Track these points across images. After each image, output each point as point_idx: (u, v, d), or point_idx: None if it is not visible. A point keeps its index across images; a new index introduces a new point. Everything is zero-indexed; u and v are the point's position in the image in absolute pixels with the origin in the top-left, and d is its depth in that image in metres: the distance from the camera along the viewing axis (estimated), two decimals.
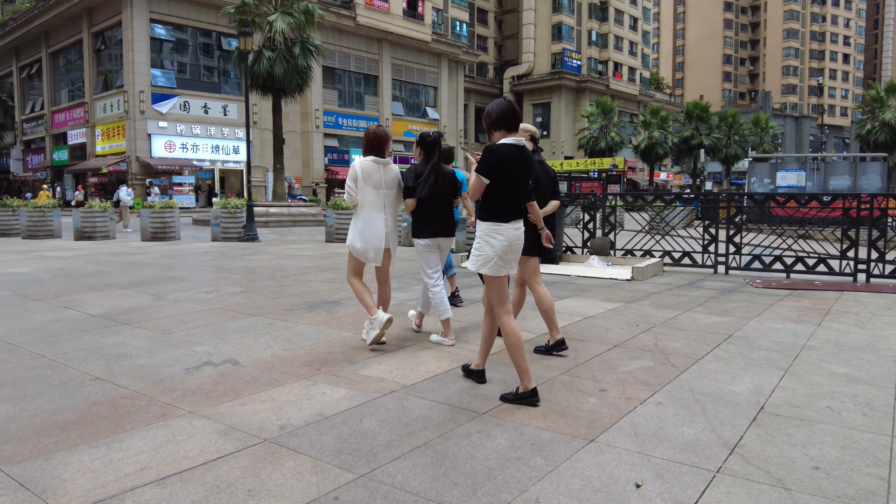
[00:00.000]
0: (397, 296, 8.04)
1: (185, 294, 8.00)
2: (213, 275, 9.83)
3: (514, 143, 4.06)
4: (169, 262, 11.39)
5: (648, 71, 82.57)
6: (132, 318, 6.58)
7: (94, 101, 41.39)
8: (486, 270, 4.14)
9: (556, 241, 11.04)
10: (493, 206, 4.10)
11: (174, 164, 38.57)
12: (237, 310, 7.02)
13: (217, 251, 13.64)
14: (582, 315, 6.83)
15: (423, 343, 5.59)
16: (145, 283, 8.95)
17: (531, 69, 68.48)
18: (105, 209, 16.72)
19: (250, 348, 5.38)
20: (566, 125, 66.96)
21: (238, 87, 42.74)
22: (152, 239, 16.10)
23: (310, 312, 6.91)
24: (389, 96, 52.28)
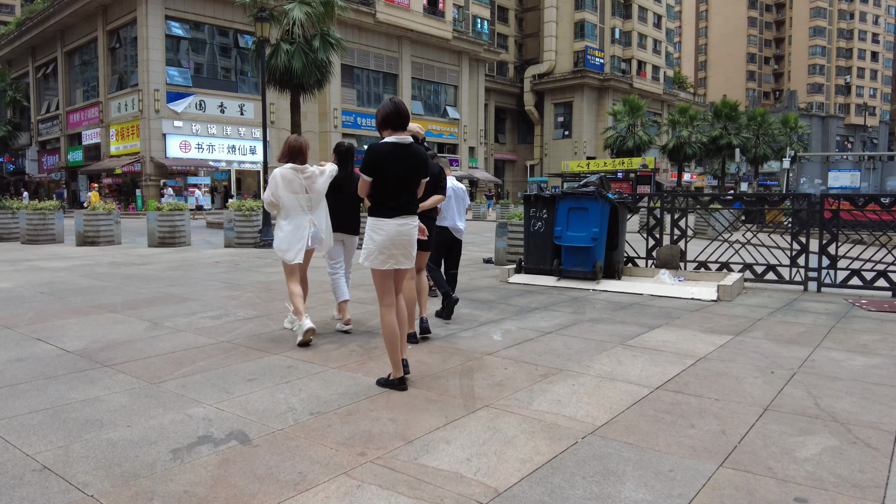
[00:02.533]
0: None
1: (186, 320, 6.56)
2: (222, 292, 8.39)
3: (397, 140, 4.28)
4: (173, 276, 9.98)
5: (672, 69, 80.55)
6: (116, 356, 5.13)
7: (108, 100, 40.40)
8: (369, 263, 4.35)
9: (618, 248, 9.50)
10: (376, 202, 4.33)
11: (189, 164, 37.46)
12: (250, 344, 5.56)
13: (229, 260, 12.23)
14: (691, 355, 5.29)
15: (496, 396, 4.08)
16: (141, 303, 7.52)
17: (552, 68, 66.82)
18: (110, 212, 15.37)
19: (265, 410, 3.91)
20: (589, 125, 65.22)
21: (255, 87, 41.54)
22: (160, 245, 14.74)
23: (340, 348, 5.43)
24: (409, 95, 50.89)
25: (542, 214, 9.38)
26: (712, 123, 54.85)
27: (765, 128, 56.30)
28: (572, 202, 8.92)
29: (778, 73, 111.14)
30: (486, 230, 25.38)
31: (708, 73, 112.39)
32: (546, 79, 66.65)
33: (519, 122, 71.94)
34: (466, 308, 7.29)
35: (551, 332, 6.09)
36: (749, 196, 9.68)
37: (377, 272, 4.39)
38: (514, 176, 71.23)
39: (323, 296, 7.98)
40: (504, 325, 6.39)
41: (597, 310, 7.27)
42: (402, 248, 4.37)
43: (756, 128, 55.62)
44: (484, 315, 6.89)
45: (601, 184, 9.18)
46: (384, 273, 4.38)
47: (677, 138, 49.59)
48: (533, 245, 9.51)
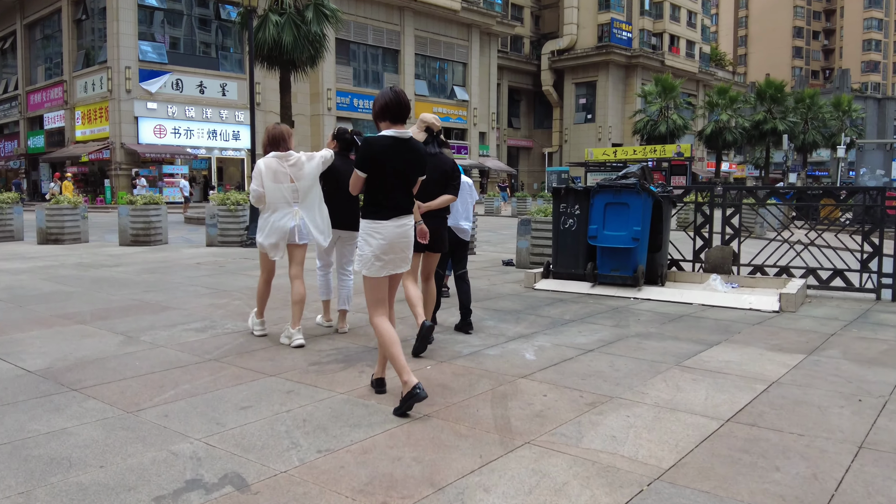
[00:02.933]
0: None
1: (166, 333, 6.35)
2: (206, 300, 8.18)
3: (395, 134, 4.31)
4: (149, 280, 9.78)
5: (709, 45, 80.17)
6: (86, 378, 4.92)
7: (73, 79, 40.31)
8: (367, 271, 4.35)
9: (662, 250, 9.26)
10: (371, 201, 4.37)
11: (165, 151, 37.39)
12: (241, 363, 5.34)
13: (213, 262, 12.02)
14: (761, 378, 5.05)
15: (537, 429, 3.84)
16: (114, 312, 7.31)
17: (573, 43, 66.55)
18: (76, 205, 15.19)
19: (264, 446, 3.69)
20: (614, 107, 64.93)
21: (239, 64, 41.40)
22: (133, 243, 14.56)
23: (348, 368, 5.22)
24: (412, 74, 50.79)
25: (575, 210, 9.15)
26: (755, 106, 54.55)
27: (814, 111, 55.94)
28: (610, 196, 8.68)
29: (828, 50, 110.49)
30: (501, 227, 25.16)
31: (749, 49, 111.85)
32: (566, 55, 66.38)
33: (535, 104, 71.70)
34: (490, 319, 7.06)
35: (592, 349, 5.86)
36: (813, 189, 9.42)
37: (371, 280, 4.40)
38: (529, 165, 70.99)
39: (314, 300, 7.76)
40: (536, 340, 6.16)
41: (642, 322, 7.04)
42: (400, 251, 4.42)
43: (804, 111, 55.28)
44: (511, 328, 6.66)
45: (643, 175, 8.93)
46: (379, 281, 4.41)
47: (715, 123, 49.26)
48: (563, 246, 9.28)
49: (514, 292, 8.93)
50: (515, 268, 11.65)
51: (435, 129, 5.81)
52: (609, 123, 64.18)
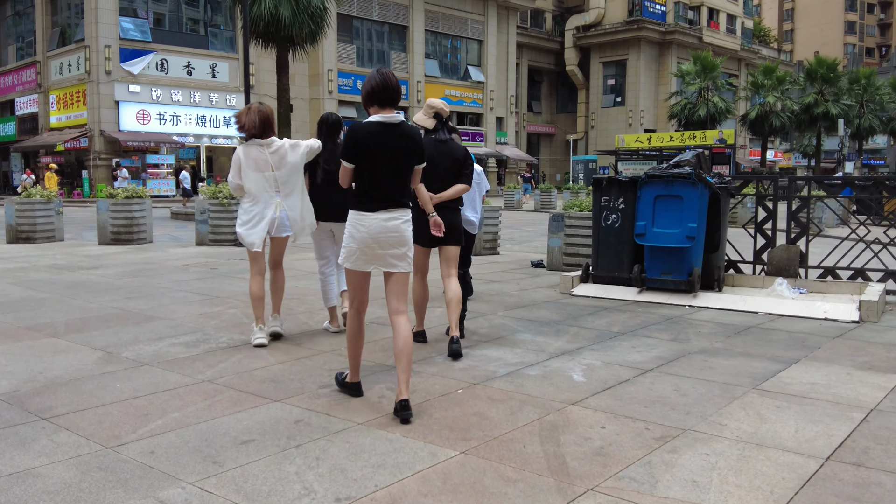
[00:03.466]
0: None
1: (151, 348, 6.04)
2: (197, 308, 7.87)
3: (384, 120, 4.39)
4: (132, 284, 9.48)
5: (752, 20, 79.44)
6: (58, 403, 4.61)
7: (47, 59, 40.29)
8: (348, 265, 4.50)
9: (719, 250, 8.88)
10: (358, 192, 4.47)
11: (149, 139, 37.26)
12: (240, 384, 5.02)
13: (203, 263, 11.74)
14: (857, 405, 4.68)
15: (599, 472, 3.50)
16: (92, 323, 7.01)
17: (601, 17, 66.02)
18: (49, 199, 14.95)
19: (272, 492, 3.37)
20: (647, 89, 64.36)
21: (230, 43, 41.23)
22: (113, 241, 14.29)
23: (365, 392, 4.88)
24: (422, 53, 50.52)
25: (619, 204, 8.79)
26: (804, 88, 53.95)
27: (870, 93, 55.29)
28: (661, 188, 8.32)
29: (884, 25, 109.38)
30: (525, 223, 24.81)
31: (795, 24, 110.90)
32: (593, 31, 65.88)
33: (558, 85, 71.28)
34: (526, 332, 6.72)
35: (651, 368, 5.50)
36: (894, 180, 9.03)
37: (351, 272, 4.57)
38: (551, 154, 70.58)
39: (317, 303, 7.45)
40: (583, 357, 5.81)
41: (704, 336, 6.68)
42: (391, 247, 4.45)
43: (860, 93, 54.63)
44: (552, 342, 6.32)
45: (699, 163, 8.57)
46: (357, 274, 4.56)
47: (760, 106, 48.70)
48: (605, 245, 8.92)
49: (550, 299, 8.58)
50: (546, 270, 11.31)
51: (444, 114, 6.04)
52: (641, 107, 63.63)
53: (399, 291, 4.60)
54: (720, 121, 45.19)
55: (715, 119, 43.76)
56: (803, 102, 52.69)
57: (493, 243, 13.36)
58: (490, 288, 9.37)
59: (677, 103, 45.17)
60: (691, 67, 44.63)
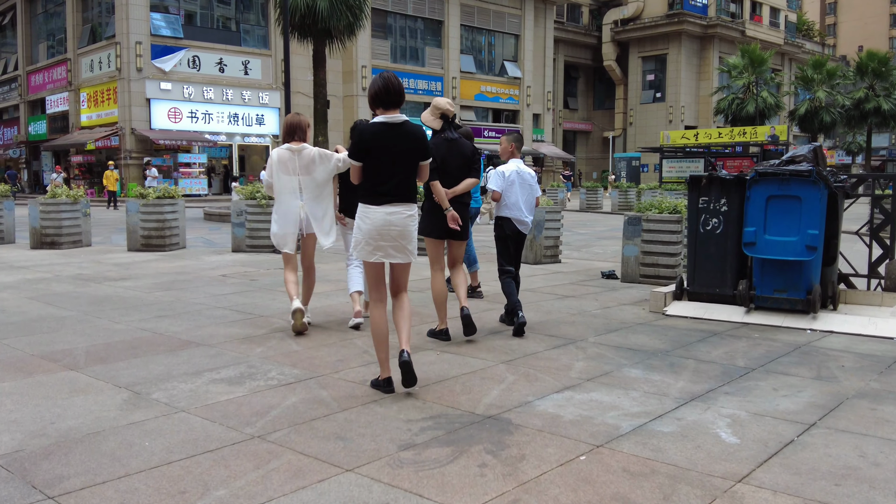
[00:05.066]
0: None
1: (188, 386, 5.02)
2: (239, 329, 6.85)
3: (386, 120, 4.81)
4: (164, 299, 8.50)
5: (795, 13, 77.37)
6: (71, 472, 3.60)
7: (78, 56, 39.82)
8: (357, 254, 4.94)
9: (835, 262, 7.70)
10: (364, 187, 4.87)
11: (180, 137, 36.64)
12: (299, 443, 3.97)
13: (242, 273, 10.75)
14: None
15: None
16: (118, 350, 6.01)
17: (640, 11, 64.45)
18: (76, 200, 14.05)
19: None
20: (688, 84, 62.72)
21: (263, 40, 40.49)
22: (144, 247, 13.35)
23: (459, 456, 3.81)
24: (457, 48, 49.47)
25: (720, 206, 7.63)
26: (854, 82, 52.06)
27: None
28: (774, 187, 7.16)
29: None
30: (574, 224, 23.62)
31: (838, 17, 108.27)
32: (632, 25, 64.35)
33: (595, 81, 69.92)
34: (633, 366, 5.60)
35: (813, 423, 4.37)
36: None
37: (365, 264, 5.00)
38: (587, 151, 69.25)
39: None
40: (720, 405, 4.69)
41: (851, 371, 5.51)
42: (392, 239, 4.81)
43: None
44: (671, 382, 5.19)
45: (815, 158, 7.39)
46: (372, 265, 4.96)
47: (810, 101, 46.98)
48: (704, 256, 7.77)
49: (642, 320, 7.45)
50: (620, 281, 10.17)
51: (450, 114, 6.41)
52: (682, 102, 62.01)
53: (400, 282, 5.06)
54: (769, 116, 43.56)
55: (764, 115, 42.15)
56: (853, 97, 50.85)
57: (555, 250, 12.22)
58: (567, 306, 8.25)
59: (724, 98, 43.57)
60: (739, 61, 43.00)
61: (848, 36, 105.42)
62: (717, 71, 61.15)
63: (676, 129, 52.46)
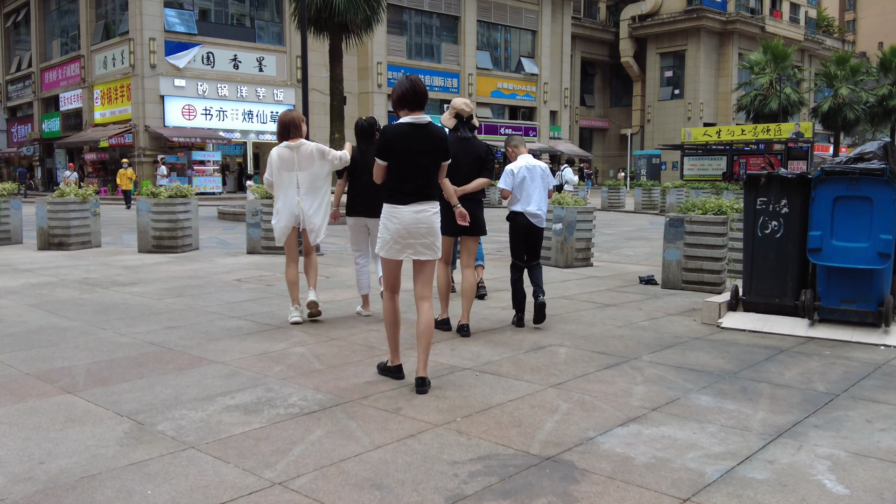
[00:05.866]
0: None
1: (198, 414, 4.41)
2: (255, 343, 6.24)
3: (412, 121, 4.94)
4: (175, 307, 7.90)
5: (815, 9, 76.18)
6: None
7: (91, 53, 39.45)
8: (383, 253, 5.01)
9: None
10: (389, 187, 4.99)
11: (194, 135, 36.27)
12: (327, 494, 3.35)
13: (258, 277, 10.16)
14: None
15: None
16: (122, 368, 5.41)
17: (658, 7, 63.43)
18: (85, 198, 13.49)
19: None
20: (707, 81, 61.72)
21: (278, 36, 40.02)
22: (155, 249, 12.77)
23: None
24: (474, 44, 48.86)
25: (781, 208, 6.96)
26: (878, 79, 50.95)
27: None
28: (842, 187, 6.49)
29: None
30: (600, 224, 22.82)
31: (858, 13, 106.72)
32: (650, 21, 63.37)
33: (612, 78, 69.09)
34: (704, 393, 4.94)
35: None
36: None
37: (387, 262, 5.05)
38: (604, 149, 68.42)
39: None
40: (813, 442, 4.03)
41: None
42: (421, 237, 4.92)
43: None
44: (748, 412, 4.53)
45: (886, 155, 6.71)
46: (393, 264, 5.05)
47: (833, 98, 46.00)
48: (762, 262, 7.09)
49: (696, 333, 6.79)
50: (661, 287, 9.50)
51: (464, 114, 6.58)
52: (700, 99, 61.00)
53: (426, 279, 5.10)
54: (792, 113, 42.62)
55: (787, 112, 41.23)
56: (877, 94, 49.76)
57: (586, 252, 11.56)
58: (610, 316, 7.59)
59: (746, 95, 42.61)
60: (761, 57, 42.04)
61: (868, 32, 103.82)
62: (736, 67, 60.24)
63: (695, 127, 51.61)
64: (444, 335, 6.56)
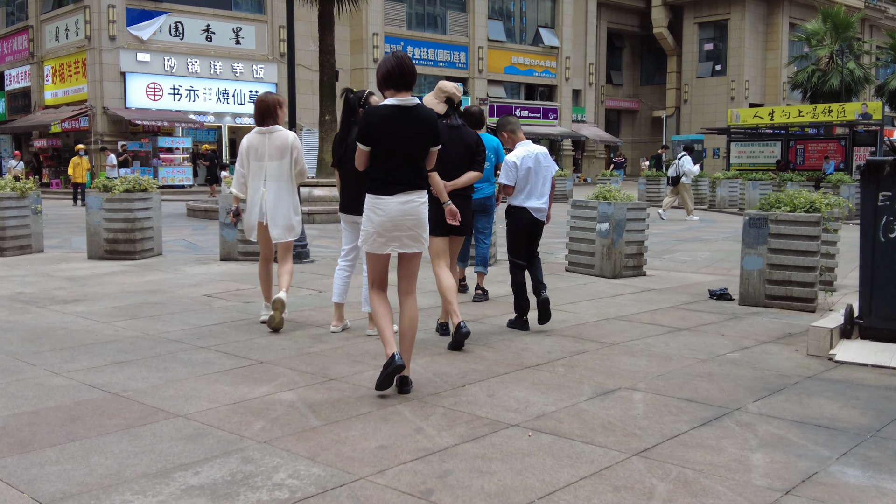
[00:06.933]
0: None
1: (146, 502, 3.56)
2: (227, 388, 5.37)
3: (398, 103, 5.07)
4: (127, 334, 7.05)
5: None
6: None
7: (41, 24, 39.09)
8: (367, 247, 5.22)
9: None
10: (373, 175, 5.18)
11: (161, 118, 35.91)
12: None
13: (234, 292, 9.33)
14: None
15: None
16: (49, 427, 4.56)
17: None
18: (24, 193, 12.61)
19: None
20: (753, 56, 60.83)
21: (257, 3, 39.40)
22: (109, 254, 11.89)
23: None
24: (484, 13, 48.27)
25: None
26: None
27: None
28: None
29: None
30: None
31: None
32: None
33: (643, 52, 68.39)
34: (848, 466, 4.06)
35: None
36: None
37: (370, 256, 5.28)
38: (633, 134, 67.64)
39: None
40: None
41: None
42: (407, 229, 5.12)
43: None
44: None
45: None
46: (379, 258, 5.27)
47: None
48: (886, 275, 6.26)
49: (805, 369, 5.91)
50: (738, 304, 8.64)
51: (456, 99, 6.66)
52: (745, 76, 60.08)
53: (411, 273, 5.31)
54: (856, 92, 41.79)
55: (850, 91, 40.36)
56: None
57: (638, 259, 10.70)
58: (687, 345, 6.72)
59: (802, 70, 41.79)
60: (819, 26, 41.20)
61: None
62: (787, 39, 59.34)
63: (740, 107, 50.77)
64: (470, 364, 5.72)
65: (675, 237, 17.13)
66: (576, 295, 9.16)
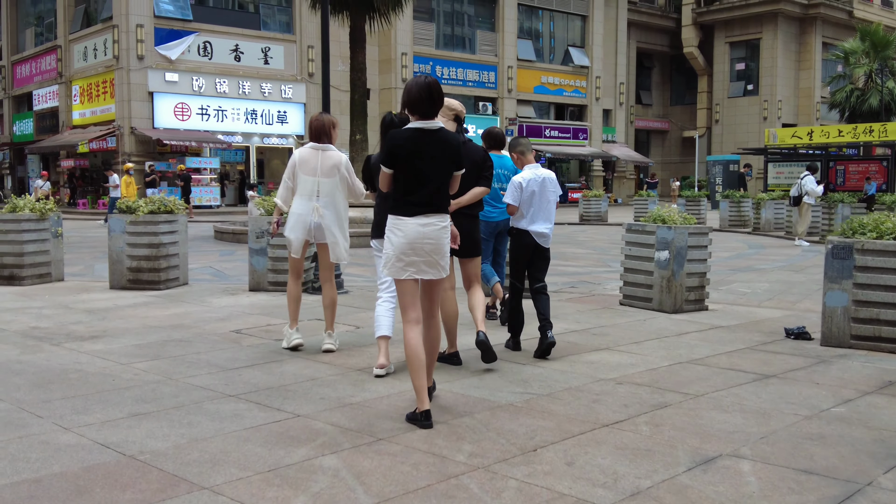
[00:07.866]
0: None
1: None
2: (259, 450, 4.62)
3: (422, 126, 5.15)
4: (148, 379, 6.33)
5: None
6: None
7: (70, 43, 39.14)
8: (388, 271, 5.22)
9: None
10: (395, 197, 5.23)
11: (189, 138, 35.78)
12: None
13: (264, 328, 8.59)
14: None
15: None
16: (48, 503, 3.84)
17: None
18: (43, 215, 11.91)
19: None
20: (785, 75, 59.91)
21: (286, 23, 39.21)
22: (132, 284, 11.16)
23: None
24: (514, 32, 47.96)
25: None
26: None
27: None
28: None
29: None
30: None
31: None
32: (717, 5, 61.90)
33: (672, 72, 67.72)
34: None
35: None
36: None
37: (397, 282, 5.25)
38: (663, 154, 66.84)
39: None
40: None
41: None
42: (426, 254, 5.11)
43: None
44: None
45: None
46: (405, 283, 5.19)
47: None
48: None
49: None
50: (819, 344, 7.81)
51: (463, 116, 6.89)
52: (778, 96, 59.14)
53: (432, 297, 5.40)
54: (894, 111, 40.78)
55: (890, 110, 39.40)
56: None
57: (700, 291, 9.86)
58: (780, 396, 5.89)
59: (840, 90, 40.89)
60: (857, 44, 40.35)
61: None
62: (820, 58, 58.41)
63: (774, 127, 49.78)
64: (536, 420, 4.93)
65: (726, 266, 16.21)
66: (638, 333, 8.35)
